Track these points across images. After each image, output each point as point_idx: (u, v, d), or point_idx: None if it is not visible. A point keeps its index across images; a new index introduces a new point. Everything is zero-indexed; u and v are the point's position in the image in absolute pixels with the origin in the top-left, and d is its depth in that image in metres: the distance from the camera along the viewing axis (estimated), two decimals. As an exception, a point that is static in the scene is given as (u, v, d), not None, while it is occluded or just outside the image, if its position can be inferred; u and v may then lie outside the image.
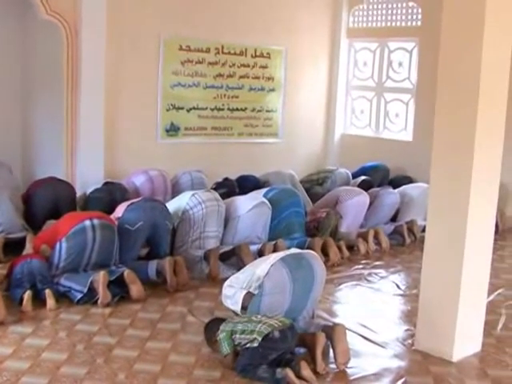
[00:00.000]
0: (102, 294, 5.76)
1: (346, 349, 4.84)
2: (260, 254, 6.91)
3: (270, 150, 10.80)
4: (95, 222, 6.12)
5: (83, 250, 6.05)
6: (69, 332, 5.23)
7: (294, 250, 5.36)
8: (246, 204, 7.25)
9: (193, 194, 7.09)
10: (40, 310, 5.61)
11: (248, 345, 4.51)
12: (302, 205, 8.00)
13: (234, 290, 5.11)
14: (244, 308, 4.99)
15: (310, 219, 8.02)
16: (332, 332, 4.83)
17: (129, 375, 4.54)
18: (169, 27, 9.35)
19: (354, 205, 8.30)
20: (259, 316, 4.69)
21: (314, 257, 5.25)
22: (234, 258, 6.89)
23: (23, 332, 5.17)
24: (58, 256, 6.02)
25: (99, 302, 5.76)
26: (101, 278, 5.78)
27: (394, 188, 9.32)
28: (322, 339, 4.72)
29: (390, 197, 8.75)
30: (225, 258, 6.89)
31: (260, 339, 4.44)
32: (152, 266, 6.39)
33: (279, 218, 7.52)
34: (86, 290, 5.80)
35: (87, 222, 6.08)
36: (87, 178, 8.30)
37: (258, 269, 5.06)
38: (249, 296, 4.99)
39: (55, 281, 5.92)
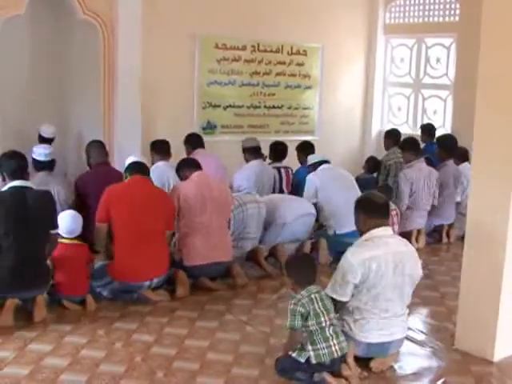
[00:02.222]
0: (153, 299, 5.90)
1: (385, 363, 4.76)
2: (298, 251, 7.08)
3: (306, 147, 10.74)
4: (155, 281, 5.94)
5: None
6: (107, 330, 5.26)
7: None
8: (294, 212, 7.08)
9: (233, 197, 7.05)
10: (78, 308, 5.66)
11: (295, 353, 4.44)
12: None
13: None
14: None
15: None
16: None
17: (167, 373, 4.56)
18: (205, 25, 9.36)
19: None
20: (331, 328, 4.45)
21: None
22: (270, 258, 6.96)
23: (62, 330, 5.21)
24: (105, 282, 5.88)
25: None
26: (147, 292, 5.90)
27: None
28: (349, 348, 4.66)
29: None
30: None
31: (313, 362, 4.39)
32: None
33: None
34: (135, 297, 5.87)
35: (146, 284, 5.90)
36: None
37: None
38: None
39: (97, 290, 5.88)
